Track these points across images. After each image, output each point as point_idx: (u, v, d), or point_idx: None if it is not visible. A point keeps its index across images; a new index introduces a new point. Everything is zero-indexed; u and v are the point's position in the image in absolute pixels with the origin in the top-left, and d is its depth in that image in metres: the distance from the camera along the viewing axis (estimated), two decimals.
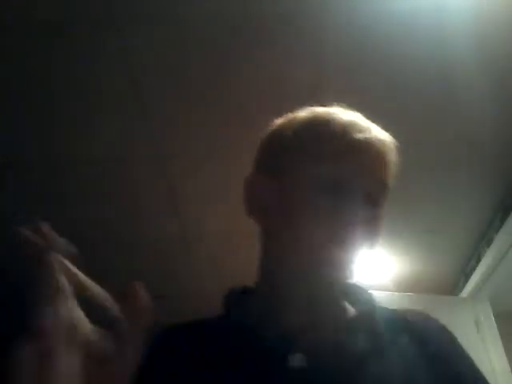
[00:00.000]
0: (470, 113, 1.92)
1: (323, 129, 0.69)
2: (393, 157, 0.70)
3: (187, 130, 2.01)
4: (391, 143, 0.71)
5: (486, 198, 2.42)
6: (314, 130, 0.70)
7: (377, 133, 0.70)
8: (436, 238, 2.74)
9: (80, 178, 2.27)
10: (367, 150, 0.68)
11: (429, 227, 2.44)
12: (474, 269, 2.84)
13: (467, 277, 2.96)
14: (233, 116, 1.95)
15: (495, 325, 2.75)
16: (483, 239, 2.69)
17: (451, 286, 3.22)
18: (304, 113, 0.75)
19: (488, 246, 2.62)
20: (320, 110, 0.74)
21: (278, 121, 0.79)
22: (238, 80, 1.80)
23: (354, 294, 0.75)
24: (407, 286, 3.06)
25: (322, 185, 0.67)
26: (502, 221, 2.42)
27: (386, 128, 0.74)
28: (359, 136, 0.68)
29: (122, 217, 2.57)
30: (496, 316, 2.80)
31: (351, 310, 0.73)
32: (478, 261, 2.77)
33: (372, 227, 0.68)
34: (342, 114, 0.72)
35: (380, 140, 0.69)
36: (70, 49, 1.66)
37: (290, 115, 0.77)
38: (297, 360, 0.61)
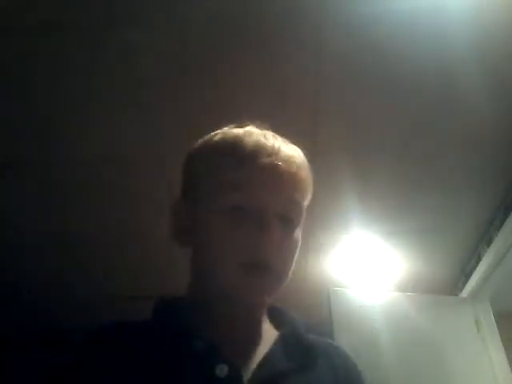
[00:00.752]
0: (470, 113, 1.92)
1: (230, 155, 0.70)
2: (304, 174, 0.71)
3: (187, 130, 2.01)
4: (301, 160, 0.72)
5: (486, 198, 2.42)
6: (221, 157, 0.71)
7: (285, 153, 0.70)
8: (436, 238, 2.74)
9: (80, 178, 2.28)
10: (274, 174, 0.68)
11: (429, 227, 2.44)
12: (473, 269, 2.84)
13: (467, 277, 2.96)
14: (233, 116, 1.95)
15: (495, 325, 2.75)
16: (483, 239, 2.69)
17: (451, 286, 3.22)
18: (216, 136, 0.78)
19: (488, 246, 2.62)
20: (229, 134, 0.76)
21: (199, 141, 0.82)
22: (237, 80, 1.80)
23: (279, 317, 0.76)
24: (407, 286, 3.06)
25: (230, 211, 0.67)
26: (502, 221, 2.42)
27: (386, 128, 0.74)
28: (265, 160, 0.68)
29: (122, 217, 2.57)
30: (496, 316, 2.80)
31: (274, 331, 0.74)
32: (478, 261, 2.77)
33: (283, 251, 0.69)
34: (250, 136, 0.72)
35: (288, 160, 0.69)
36: (69, 49, 1.66)
37: (207, 137, 0.80)
38: (223, 370, 0.62)
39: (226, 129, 0.80)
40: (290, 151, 0.72)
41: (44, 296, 3.40)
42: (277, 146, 0.71)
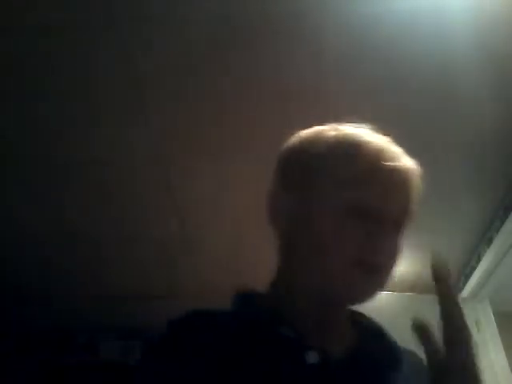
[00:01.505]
0: (470, 113, 1.92)
1: (353, 153, 0.69)
2: (418, 183, 0.72)
3: (187, 129, 2.01)
4: (417, 172, 0.72)
5: (486, 198, 2.42)
6: (344, 154, 0.70)
7: (404, 161, 0.71)
8: (436, 238, 2.74)
9: (80, 178, 2.28)
10: (395, 178, 0.69)
11: (429, 227, 2.43)
12: (473, 269, 2.84)
13: (467, 277, 2.95)
14: (233, 116, 1.95)
15: (495, 325, 2.75)
16: (483, 239, 2.69)
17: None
18: (331, 131, 0.76)
19: (488, 246, 2.61)
20: (349, 132, 0.74)
21: (303, 135, 0.79)
22: (237, 80, 1.80)
23: (358, 316, 0.77)
24: (407, 286, 3.06)
25: (348, 209, 0.67)
26: (502, 221, 2.42)
27: (385, 128, 0.74)
28: (388, 164, 0.68)
29: (123, 217, 2.57)
30: (496, 316, 2.80)
31: (353, 328, 0.74)
32: (478, 261, 2.77)
33: (392, 255, 0.69)
34: (371, 137, 0.72)
35: (407, 168, 0.70)
36: (69, 49, 1.66)
37: (316, 131, 0.78)
38: (312, 357, 0.63)
39: (334, 126, 0.79)
40: (408, 160, 0.73)
41: (44, 296, 3.40)
42: (397, 152, 0.72)
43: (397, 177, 0.69)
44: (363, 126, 0.77)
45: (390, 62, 1.72)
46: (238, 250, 2.87)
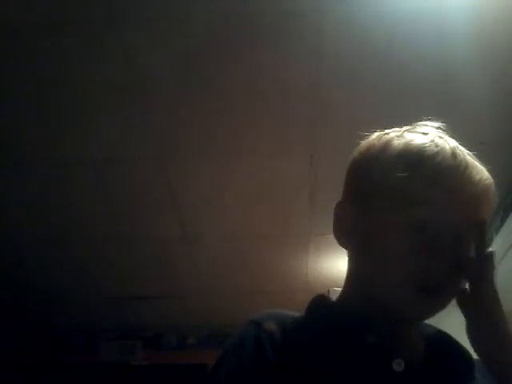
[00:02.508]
0: (470, 112, 1.92)
1: (419, 171, 0.66)
2: (490, 196, 0.70)
3: (187, 129, 2.01)
4: (489, 181, 0.70)
5: None
6: (408, 171, 0.66)
7: (475, 171, 0.69)
8: None
9: (80, 178, 2.28)
10: (461, 194, 0.66)
11: None
12: None
13: None
14: (233, 116, 1.95)
15: None
16: None
17: None
18: (396, 140, 0.72)
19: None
20: (414, 143, 0.70)
21: (369, 145, 0.75)
22: (237, 80, 1.80)
23: (432, 335, 0.75)
24: None
25: (410, 226, 0.65)
26: (502, 221, 2.42)
27: (386, 128, 0.74)
28: (453, 180, 0.66)
29: (122, 217, 2.57)
30: None
31: (422, 339, 0.73)
32: None
33: (455, 273, 0.67)
34: (438, 149, 0.68)
35: (478, 181, 0.68)
36: (70, 48, 1.66)
37: (381, 142, 0.74)
38: (398, 365, 0.63)
39: (399, 133, 0.74)
40: (479, 170, 0.70)
41: (44, 296, 3.40)
42: (466, 164, 0.68)
43: (463, 192, 0.66)
44: (431, 127, 0.74)
45: (389, 61, 1.72)
46: (238, 250, 2.87)
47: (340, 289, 0.77)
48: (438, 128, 0.75)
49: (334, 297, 0.77)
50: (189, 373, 3.76)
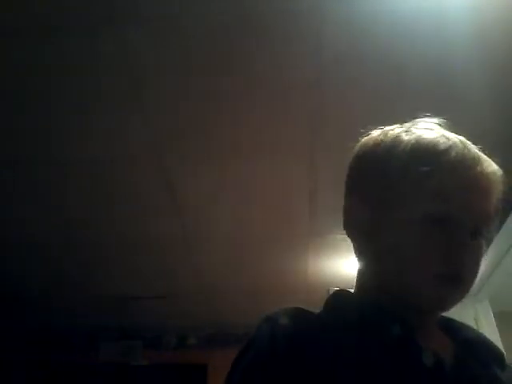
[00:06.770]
0: (470, 113, 1.92)
1: (432, 162, 0.67)
2: (500, 188, 0.71)
3: (187, 130, 2.01)
4: (499, 172, 0.71)
5: None
6: (422, 163, 0.67)
7: (486, 164, 0.70)
8: None
9: (80, 178, 2.28)
10: (477, 187, 0.67)
11: None
12: None
13: None
14: (233, 116, 1.95)
15: (495, 325, 2.75)
16: None
17: None
18: (405, 135, 0.72)
19: (488, 246, 2.62)
20: (425, 137, 0.71)
21: (375, 141, 0.75)
22: (237, 80, 1.80)
23: (456, 329, 0.75)
24: None
25: (428, 220, 0.66)
26: (502, 221, 2.41)
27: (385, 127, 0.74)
28: (470, 172, 0.67)
29: (123, 217, 2.57)
30: (496, 316, 2.80)
31: (446, 336, 0.73)
32: None
33: (474, 264, 0.68)
34: (448, 142, 0.69)
35: (489, 173, 0.69)
36: (69, 48, 1.66)
37: (391, 137, 0.74)
38: (428, 358, 0.63)
39: (405, 128, 0.74)
40: (489, 161, 0.72)
41: (44, 296, 3.40)
42: (478, 156, 0.70)
43: (478, 184, 0.68)
44: (432, 123, 0.74)
45: (389, 61, 1.72)
46: (238, 250, 2.87)
47: (339, 288, 0.77)
48: (438, 124, 0.75)
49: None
50: (189, 373, 3.77)
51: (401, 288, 0.68)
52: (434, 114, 0.76)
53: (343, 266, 2.94)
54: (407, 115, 0.79)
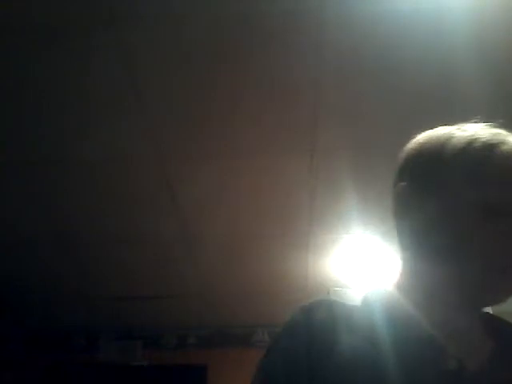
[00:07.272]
0: (470, 113, 1.91)
1: (487, 153, 0.70)
2: None
3: (187, 129, 2.01)
4: None
5: None
6: (478, 153, 0.70)
7: None
8: None
9: (80, 178, 2.28)
10: None
11: None
12: None
13: None
14: (233, 116, 1.95)
15: None
16: None
17: None
18: (460, 132, 0.76)
19: None
20: (479, 132, 0.75)
21: (431, 136, 0.78)
22: (237, 79, 1.80)
23: (496, 327, 0.75)
24: None
25: (488, 209, 0.66)
26: None
27: (386, 128, 0.74)
28: None
29: (122, 217, 2.57)
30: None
31: (487, 336, 0.72)
32: None
33: None
34: (501, 136, 0.74)
35: None
36: (69, 48, 1.66)
37: (445, 132, 0.78)
38: (454, 364, 0.62)
39: (459, 127, 0.79)
40: None
41: (44, 296, 3.40)
42: None
43: None
44: (483, 126, 0.78)
45: (389, 61, 1.72)
46: (238, 250, 2.87)
47: (340, 289, 0.77)
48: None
49: (335, 298, 0.76)
50: (189, 373, 3.76)
51: (463, 283, 0.67)
52: (434, 114, 0.77)
53: (343, 266, 2.94)
54: (407, 115, 0.79)
